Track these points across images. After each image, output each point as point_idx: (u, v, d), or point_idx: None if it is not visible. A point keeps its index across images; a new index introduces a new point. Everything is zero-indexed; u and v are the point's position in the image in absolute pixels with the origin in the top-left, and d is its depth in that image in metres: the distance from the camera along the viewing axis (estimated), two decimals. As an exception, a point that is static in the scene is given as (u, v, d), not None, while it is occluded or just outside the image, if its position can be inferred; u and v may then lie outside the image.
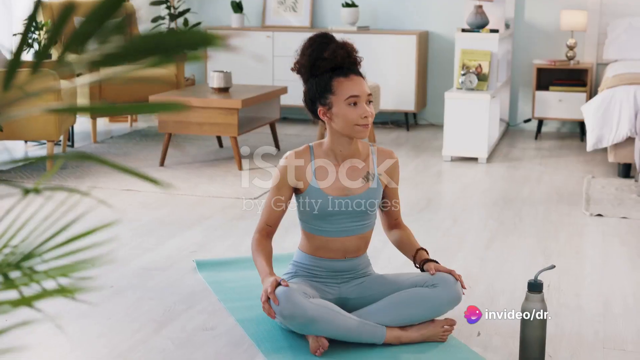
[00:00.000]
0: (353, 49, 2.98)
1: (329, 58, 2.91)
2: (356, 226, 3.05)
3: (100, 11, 0.93)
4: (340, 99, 2.91)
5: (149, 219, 4.59)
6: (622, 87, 5.67)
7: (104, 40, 0.94)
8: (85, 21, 0.94)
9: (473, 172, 5.99)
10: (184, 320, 3.19)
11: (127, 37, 0.94)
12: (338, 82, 2.91)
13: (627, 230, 4.49)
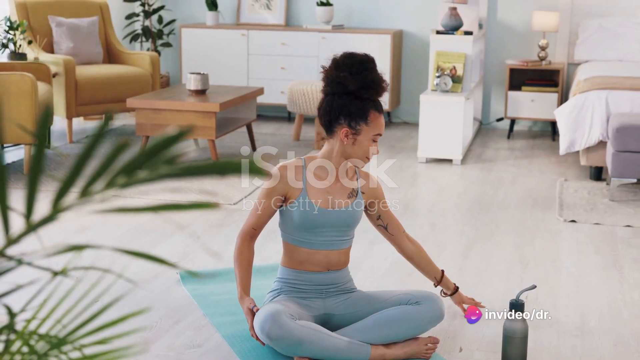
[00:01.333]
0: (384, 85, 3.04)
1: (379, 92, 2.99)
2: (339, 240, 3.12)
3: (155, 148, 0.98)
4: (370, 132, 3.00)
5: (130, 227, 4.62)
6: (594, 92, 5.77)
7: (152, 169, 0.99)
8: (140, 155, 0.99)
9: (448, 174, 6.07)
10: (171, 337, 3.23)
11: (174, 167, 0.99)
12: (374, 116, 3.00)
13: (601, 238, 4.59)
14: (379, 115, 3.01)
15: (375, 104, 3.01)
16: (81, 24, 7.13)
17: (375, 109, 3.00)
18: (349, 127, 3.00)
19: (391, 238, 3.33)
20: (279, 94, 7.77)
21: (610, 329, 3.37)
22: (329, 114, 3.02)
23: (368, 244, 4.32)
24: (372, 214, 3.28)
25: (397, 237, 3.32)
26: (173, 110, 5.82)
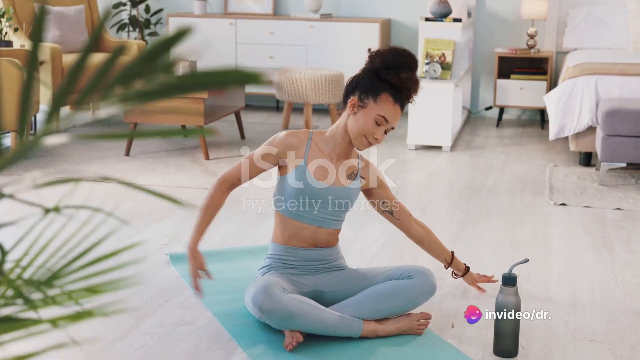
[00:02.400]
0: (417, 90, 3.04)
1: (400, 79, 2.97)
2: (330, 219, 3.10)
3: (153, 52, 0.95)
4: (374, 111, 2.98)
5: (118, 211, 4.58)
6: (583, 77, 5.76)
7: (151, 78, 0.96)
8: (137, 60, 0.96)
9: (438, 160, 6.06)
10: (161, 314, 3.20)
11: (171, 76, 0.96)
12: (386, 99, 2.98)
13: (591, 220, 4.58)
14: (392, 103, 2.99)
15: (394, 91, 2.99)
16: (67, 12, 7.08)
17: (391, 95, 2.99)
18: (359, 99, 3.00)
19: (398, 223, 3.30)
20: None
21: (602, 307, 3.36)
22: (348, 86, 3.05)
23: (358, 226, 4.30)
24: (377, 200, 3.26)
25: (404, 222, 3.30)
26: (161, 97, 5.77)
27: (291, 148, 3.07)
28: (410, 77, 3.00)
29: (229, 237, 4.18)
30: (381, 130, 3.03)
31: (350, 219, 4.26)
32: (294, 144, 3.07)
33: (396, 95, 3.00)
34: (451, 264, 3.43)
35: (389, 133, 3.11)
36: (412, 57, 3.03)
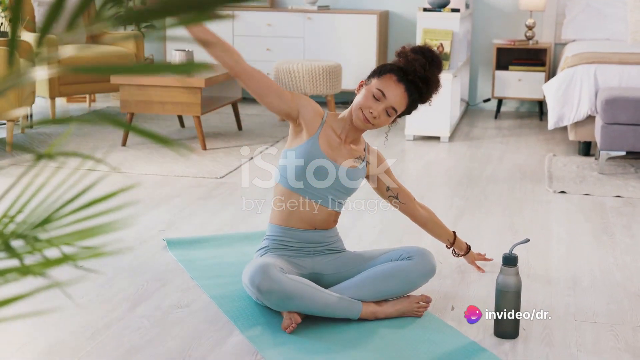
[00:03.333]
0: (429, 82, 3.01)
1: (408, 59, 2.99)
2: (331, 199, 3.06)
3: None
4: (374, 86, 2.99)
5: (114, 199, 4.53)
6: (582, 66, 5.73)
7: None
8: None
9: (436, 150, 6.03)
10: (157, 298, 3.17)
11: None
12: (389, 76, 3.00)
13: (591, 207, 4.55)
14: (395, 81, 2.98)
15: (399, 71, 2.99)
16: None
17: (395, 74, 2.99)
18: (366, 79, 3.06)
19: (403, 207, 3.30)
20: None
21: (602, 289, 3.33)
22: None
23: (356, 214, 4.26)
24: (382, 186, 3.26)
25: (408, 206, 3.30)
26: (158, 86, 5.74)
27: (306, 109, 3.03)
28: (417, 59, 2.97)
29: (226, 225, 4.14)
30: (378, 106, 2.98)
31: (348, 206, 4.24)
32: (309, 110, 3.04)
33: (400, 74, 2.99)
34: (454, 243, 3.42)
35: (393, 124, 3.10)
36: (432, 51, 3.03)
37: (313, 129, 3.04)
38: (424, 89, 3.01)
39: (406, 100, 3.02)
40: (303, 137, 3.04)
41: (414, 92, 3.01)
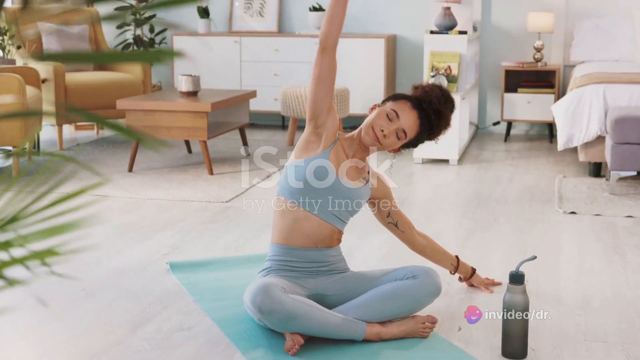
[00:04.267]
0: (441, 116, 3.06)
1: (424, 90, 3.05)
2: (335, 217, 3.02)
3: None
4: (389, 107, 3.01)
5: (120, 223, 4.51)
6: (591, 86, 5.68)
7: None
8: None
9: (445, 173, 5.97)
10: (159, 321, 3.11)
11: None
12: (404, 102, 3.03)
13: (601, 227, 4.48)
14: (410, 107, 3.01)
15: (414, 99, 3.04)
16: (71, 31, 7.06)
17: (410, 101, 3.03)
18: (380, 103, 3.09)
19: (402, 235, 3.29)
20: (272, 101, 7.68)
21: (614, 309, 3.26)
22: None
23: (362, 234, 4.21)
24: (382, 212, 3.24)
25: (407, 234, 3.29)
26: (164, 111, 5.72)
27: (333, 122, 3.03)
28: (434, 92, 3.04)
29: (230, 247, 4.09)
30: (390, 126, 2.99)
31: (353, 227, 4.18)
32: (333, 124, 3.04)
33: (415, 102, 3.04)
34: (457, 268, 3.39)
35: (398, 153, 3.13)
36: (448, 90, 3.12)
37: (327, 143, 3.02)
38: (435, 121, 3.05)
39: (417, 128, 3.03)
40: (316, 148, 3.01)
41: (425, 122, 3.04)
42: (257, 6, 8.05)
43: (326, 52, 2.93)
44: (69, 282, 3.52)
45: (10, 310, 3.22)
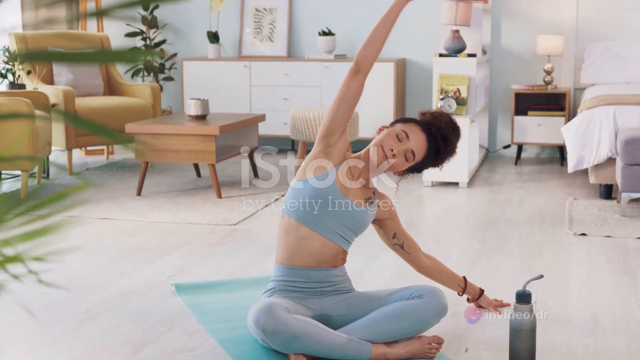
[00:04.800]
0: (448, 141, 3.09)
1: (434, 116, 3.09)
2: (340, 237, 3.00)
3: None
4: (399, 128, 3.03)
5: (126, 246, 4.49)
6: (601, 108, 5.65)
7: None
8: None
9: (454, 196, 5.94)
10: (163, 342, 3.08)
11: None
12: (413, 126, 3.05)
13: (612, 248, 4.43)
14: (419, 130, 3.03)
15: (423, 123, 3.06)
16: (81, 56, 7.08)
17: (419, 125, 3.05)
18: (389, 124, 3.12)
19: (408, 257, 3.27)
20: (281, 125, 7.67)
21: (623, 330, 3.21)
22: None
23: (370, 257, 4.18)
24: (388, 233, 3.23)
25: (413, 255, 3.27)
26: (172, 135, 5.71)
27: (344, 142, 3.05)
28: (443, 118, 3.07)
29: (237, 269, 4.07)
30: (400, 146, 2.99)
31: (361, 248, 4.16)
32: (343, 144, 3.05)
33: (424, 126, 3.05)
34: (465, 289, 3.35)
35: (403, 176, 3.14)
36: (455, 120, 3.14)
37: (335, 163, 3.03)
38: (442, 147, 3.07)
39: (424, 151, 3.04)
40: (323, 167, 3.01)
41: (432, 147, 3.05)
42: (266, 31, 8.07)
43: (358, 75, 2.99)
44: (73, 304, 3.50)
45: (13, 330, 3.20)
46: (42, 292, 3.65)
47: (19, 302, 3.42)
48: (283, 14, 8.05)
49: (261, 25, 8.10)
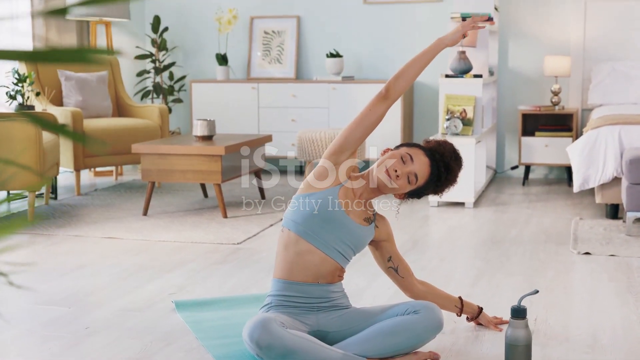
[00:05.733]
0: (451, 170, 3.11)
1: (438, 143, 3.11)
2: (339, 253, 3.01)
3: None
4: (403, 151, 3.05)
5: (129, 264, 4.51)
6: (606, 127, 5.64)
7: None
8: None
9: (460, 216, 5.93)
10: (160, 358, 3.08)
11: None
12: (417, 150, 3.07)
13: (616, 267, 4.41)
14: (423, 154, 3.05)
15: (428, 152, 3.08)
16: (90, 78, 7.14)
17: (424, 152, 3.07)
18: (394, 148, 3.14)
19: (401, 281, 3.27)
20: (289, 147, 7.69)
21: (623, 346, 3.19)
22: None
23: (371, 275, 4.18)
24: (384, 255, 3.24)
25: (407, 280, 3.26)
26: (179, 155, 5.74)
27: (349, 161, 3.08)
28: (447, 146, 3.10)
29: (239, 287, 4.07)
30: (404, 168, 3.02)
31: (362, 267, 4.16)
32: (348, 164, 3.08)
33: (428, 152, 3.08)
34: (462, 309, 3.34)
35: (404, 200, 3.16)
36: (458, 150, 3.16)
37: (339, 180, 3.05)
38: (443, 174, 3.08)
39: (427, 176, 3.06)
40: (327, 183, 3.03)
41: (435, 173, 3.07)
42: (275, 53, 8.12)
43: (385, 102, 3.03)
44: (73, 321, 3.51)
45: (13, 345, 3.22)
46: (43, 309, 3.66)
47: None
48: (291, 37, 8.10)
49: (270, 48, 8.14)
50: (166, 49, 8.22)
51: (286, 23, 8.13)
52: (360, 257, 4.40)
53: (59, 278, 4.22)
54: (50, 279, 4.20)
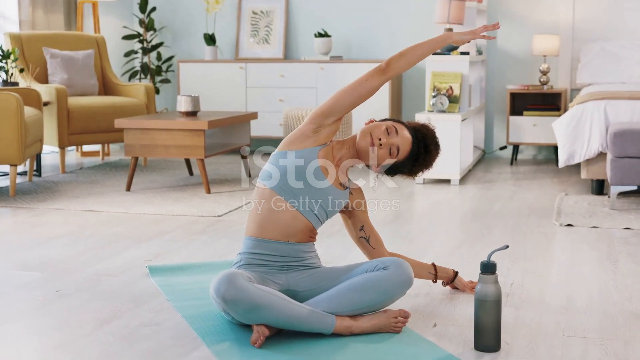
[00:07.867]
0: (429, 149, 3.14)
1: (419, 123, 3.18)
2: (311, 212, 2.99)
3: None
4: (389, 124, 3.08)
5: (107, 234, 4.47)
6: (592, 102, 5.60)
7: None
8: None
9: (445, 192, 5.90)
10: (128, 318, 3.05)
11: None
12: (402, 127, 3.10)
13: (598, 238, 4.38)
14: (407, 132, 3.08)
15: (411, 130, 3.11)
16: (76, 56, 7.09)
17: (408, 130, 3.10)
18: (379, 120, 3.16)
19: (372, 252, 3.23)
20: (277, 127, 7.65)
21: (597, 309, 3.16)
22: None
23: (350, 245, 4.13)
24: (356, 224, 3.21)
25: (377, 251, 3.23)
26: (161, 130, 5.70)
27: (335, 127, 3.07)
28: (429, 130, 3.15)
29: (215, 255, 4.04)
30: (388, 139, 3.04)
31: (341, 236, 4.13)
32: (333, 129, 3.07)
33: (411, 130, 3.11)
34: (437, 274, 3.32)
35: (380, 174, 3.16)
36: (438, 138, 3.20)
37: (320, 142, 3.04)
38: (422, 154, 3.11)
39: (407, 152, 3.08)
40: (308, 144, 3.02)
41: (415, 151, 3.09)
42: (263, 33, 8.07)
43: (382, 75, 3.04)
44: (45, 285, 3.47)
45: (-21, 307, 3.18)
46: (16, 275, 3.63)
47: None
48: (280, 16, 8.06)
49: (258, 28, 8.10)
50: (154, 29, 8.17)
51: (274, 3, 8.09)
52: (339, 227, 4.38)
53: (35, 247, 4.18)
54: (26, 248, 4.16)
